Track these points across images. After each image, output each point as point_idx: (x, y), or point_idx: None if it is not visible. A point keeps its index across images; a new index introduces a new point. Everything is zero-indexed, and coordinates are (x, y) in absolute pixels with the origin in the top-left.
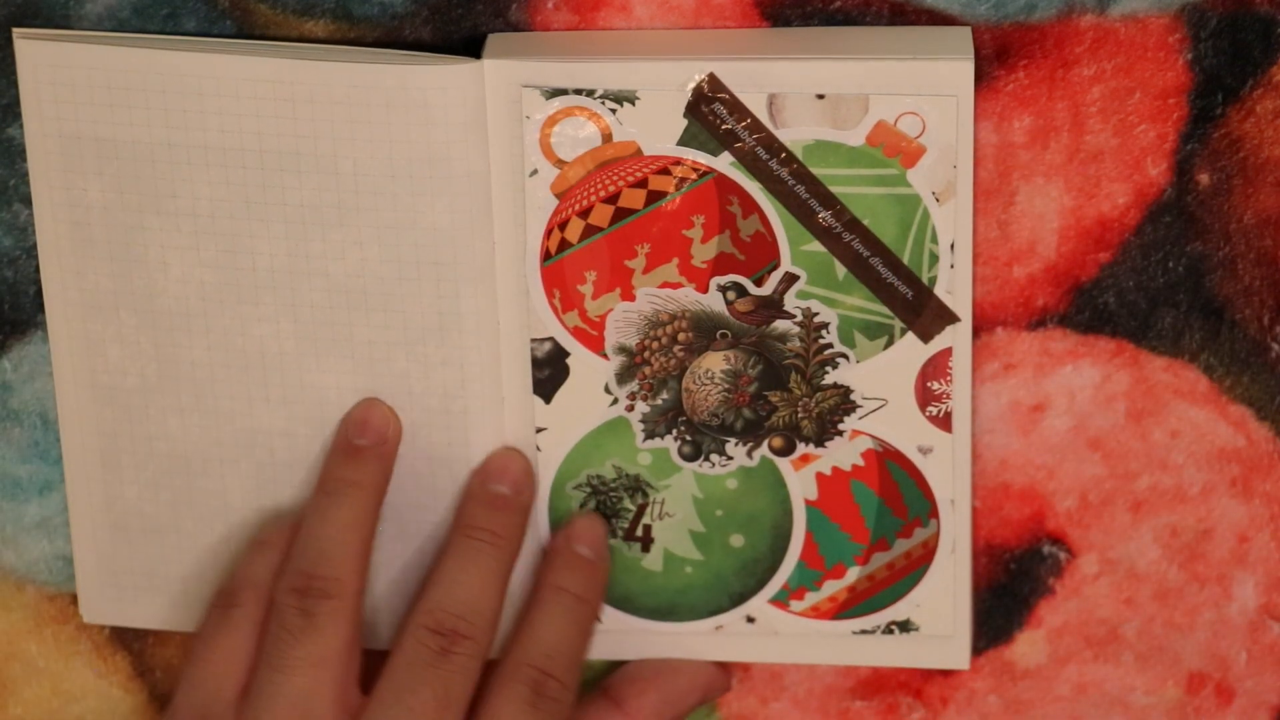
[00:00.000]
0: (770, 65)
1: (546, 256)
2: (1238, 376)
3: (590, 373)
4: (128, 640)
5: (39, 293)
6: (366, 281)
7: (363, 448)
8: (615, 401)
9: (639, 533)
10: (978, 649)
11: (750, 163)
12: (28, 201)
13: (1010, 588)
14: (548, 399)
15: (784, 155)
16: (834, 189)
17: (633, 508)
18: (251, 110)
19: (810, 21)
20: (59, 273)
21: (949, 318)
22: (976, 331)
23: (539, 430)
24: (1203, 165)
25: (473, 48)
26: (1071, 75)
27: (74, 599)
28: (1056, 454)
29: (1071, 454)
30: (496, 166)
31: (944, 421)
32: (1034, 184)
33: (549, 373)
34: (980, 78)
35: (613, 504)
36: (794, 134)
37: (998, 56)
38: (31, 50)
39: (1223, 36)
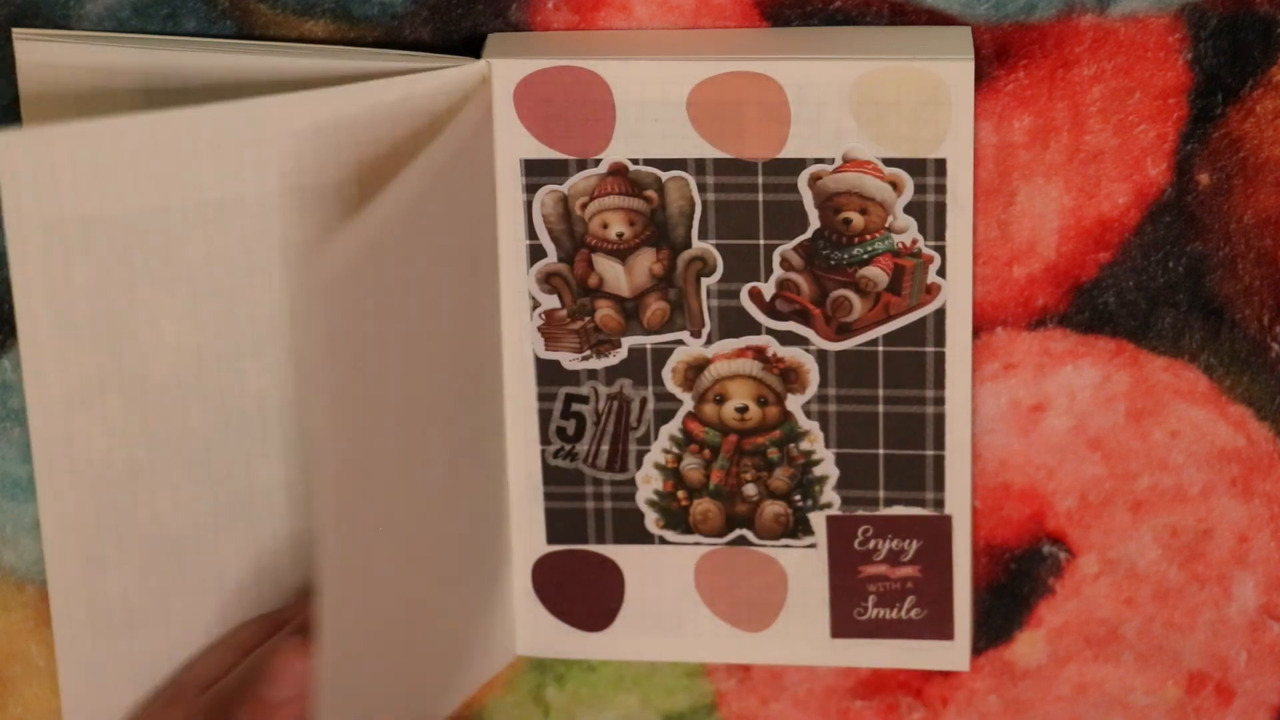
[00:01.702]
0: None
1: None
2: (1238, 376)
3: None
4: None
5: None
6: None
7: None
8: None
9: None
10: (978, 649)
11: None
12: None
13: (1010, 588)
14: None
15: None
16: None
17: None
18: (253, 157)
19: (810, 21)
20: (39, 366)
21: None
22: (976, 331)
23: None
24: (1203, 165)
25: (473, 48)
26: (1071, 75)
27: None
28: (1056, 454)
29: (1071, 454)
30: (499, 164)
31: None
32: (1034, 184)
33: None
34: (980, 78)
35: None
36: None
37: (998, 56)
38: (9, 139)
39: (1223, 36)
